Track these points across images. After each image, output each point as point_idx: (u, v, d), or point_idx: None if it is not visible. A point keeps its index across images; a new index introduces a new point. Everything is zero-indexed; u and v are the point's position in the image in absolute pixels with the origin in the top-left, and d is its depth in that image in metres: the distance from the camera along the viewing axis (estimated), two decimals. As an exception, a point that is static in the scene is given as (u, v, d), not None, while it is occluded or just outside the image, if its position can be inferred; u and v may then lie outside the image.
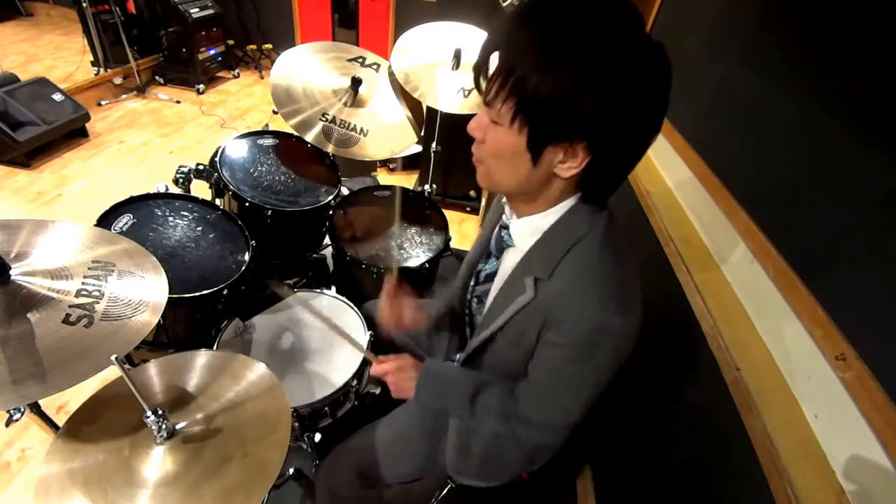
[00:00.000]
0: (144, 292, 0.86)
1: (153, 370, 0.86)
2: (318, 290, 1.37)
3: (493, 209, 0.89)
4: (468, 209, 2.82)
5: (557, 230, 0.69)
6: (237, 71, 4.25)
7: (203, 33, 3.68)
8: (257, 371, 0.87)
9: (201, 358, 0.89)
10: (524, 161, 0.61)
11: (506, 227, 0.78)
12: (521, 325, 0.73)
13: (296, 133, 1.46)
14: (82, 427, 0.76)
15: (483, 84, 0.62)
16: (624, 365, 0.70)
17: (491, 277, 0.85)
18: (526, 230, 0.73)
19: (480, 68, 0.62)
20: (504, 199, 0.79)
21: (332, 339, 1.23)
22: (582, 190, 0.67)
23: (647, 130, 0.60)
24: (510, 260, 0.79)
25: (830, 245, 0.79)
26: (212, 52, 3.82)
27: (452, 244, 1.65)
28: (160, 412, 0.70)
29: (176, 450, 0.73)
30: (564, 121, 0.56)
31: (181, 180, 1.39)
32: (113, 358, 0.65)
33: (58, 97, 2.86)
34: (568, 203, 0.68)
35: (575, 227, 0.68)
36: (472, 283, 0.94)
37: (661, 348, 1.21)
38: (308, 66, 1.57)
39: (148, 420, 0.70)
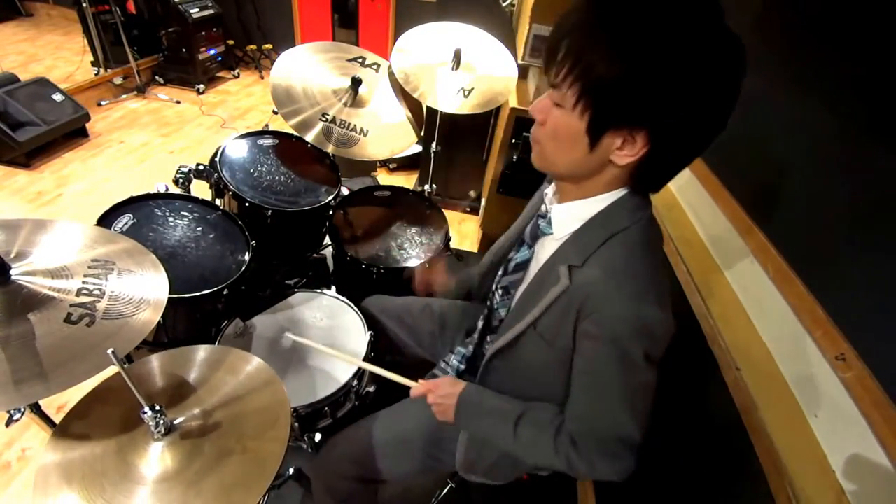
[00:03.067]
0: (145, 290, 0.86)
1: (150, 365, 0.86)
2: (319, 291, 1.37)
3: (533, 201, 0.88)
4: (468, 209, 2.82)
5: (599, 219, 0.68)
6: (237, 71, 4.25)
7: (203, 33, 3.68)
8: (255, 365, 0.87)
9: (199, 353, 0.89)
10: (582, 145, 0.62)
11: (543, 217, 0.77)
12: (557, 321, 0.70)
13: (296, 133, 1.46)
14: (80, 423, 0.76)
15: (551, 66, 0.61)
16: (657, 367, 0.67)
17: (521, 267, 0.83)
18: (568, 216, 0.71)
19: (550, 52, 0.61)
20: (546, 189, 0.79)
21: (332, 339, 1.23)
22: (634, 180, 0.66)
23: (711, 125, 0.59)
24: (545, 249, 0.77)
25: (830, 245, 0.79)
26: (212, 52, 3.82)
27: (452, 244, 1.65)
28: (157, 408, 0.70)
29: (174, 445, 0.73)
30: (627, 107, 0.56)
31: (181, 180, 1.39)
32: (109, 352, 0.64)
33: (58, 97, 2.86)
34: (615, 194, 0.67)
35: (617, 219, 0.67)
36: (500, 272, 0.91)
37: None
38: (308, 67, 1.57)
39: (145, 416, 0.70)
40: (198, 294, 1.13)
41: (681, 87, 0.54)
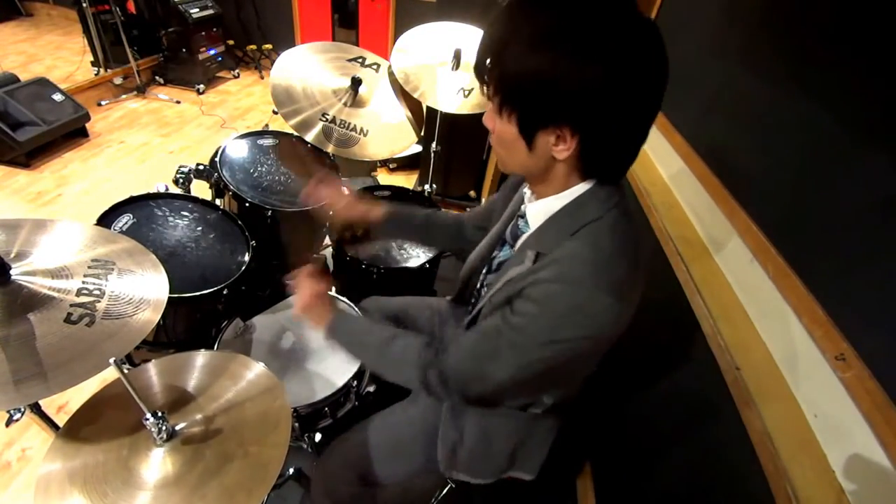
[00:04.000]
0: (145, 290, 0.86)
1: (152, 371, 0.86)
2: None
3: (513, 202, 0.89)
4: (468, 209, 2.82)
5: (569, 211, 0.69)
6: (237, 71, 4.25)
7: (203, 33, 3.68)
8: (256, 371, 0.87)
9: (200, 358, 0.89)
10: (521, 147, 0.64)
11: (522, 216, 0.79)
12: (506, 292, 0.70)
13: (296, 133, 1.46)
14: (82, 428, 0.76)
15: (481, 83, 0.64)
16: (579, 362, 0.68)
17: (503, 265, 0.85)
18: (540, 212, 0.73)
19: (476, 68, 0.64)
20: (525, 189, 0.80)
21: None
22: (586, 171, 0.66)
23: (636, 110, 0.59)
24: (523, 245, 0.78)
25: (830, 245, 0.79)
26: (212, 52, 3.82)
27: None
28: (159, 414, 0.70)
29: (176, 451, 0.73)
30: (545, 105, 0.58)
31: (181, 180, 1.39)
32: (112, 361, 0.65)
33: (58, 97, 2.86)
34: (583, 187, 0.68)
35: (586, 211, 0.67)
36: (484, 271, 0.93)
37: (661, 348, 1.21)
38: (308, 67, 1.57)
39: (147, 422, 0.70)
40: (198, 294, 1.13)
41: (591, 77, 0.54)
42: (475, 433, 0.92)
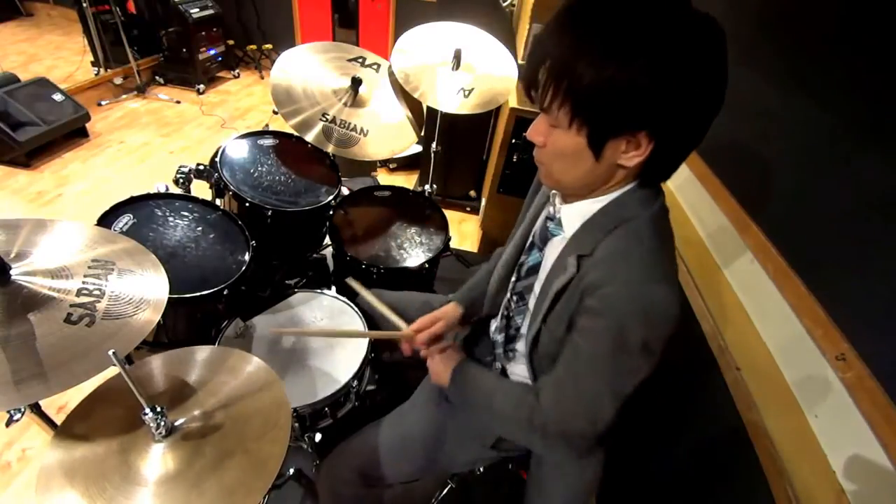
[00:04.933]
0: (145, 290, 0.86)
1: (151, 366, 0.86)
2: (319, 291, 1.37)
3: (535, 206, 0.88)
4: (468, 209, 2.82)
5: (607, 211, 0.68)
6: (237, 71, 4.25)
7: (203, 33, 3.68)
8: (255, 365, 0.87)
9: (199, 353, 0.89)
10: (587, 157, 0.62)
11: (551, 219, 0.77)
12: (562, 310, 0.70)
13: (296, 133, 1.46)
14: (81, 424, 0.76)
15: (535, 94, 0.62)
16: (659, 357, 0.65)
17: (533, 270, 0.83)
18: (577, 215, 0.71)
19: (530, 80, 0.62)
20: (551, 192, 0.78)
21: (333, 339, 1.23)
22: (643, 175, 0.66)
23: (707, 108, 0.59)
24: (555, 249, 0.77)
25: (830, 245, 0.79)
26: (212, 52, 3.82)
27: (452, 244, 1.65)
28: (159, 409, 0.70)
29: (175, 446, 0.73)
30: (621, 114, 0.57)
31: (181, 180, 1.39)
32: (111, 353, 0.64)
33: (58, 97, 2.86)
34: (621, 190, 0.68)
35: (625, 209, 0.67)
36: (513, 278, 0.91)
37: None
38: (308, 67, 1.57)
39: (146, 417, 0.70)
40: (198, 294, 1.13)
41: (666, 79, 0.54)
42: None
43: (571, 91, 0.57)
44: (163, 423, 0.72)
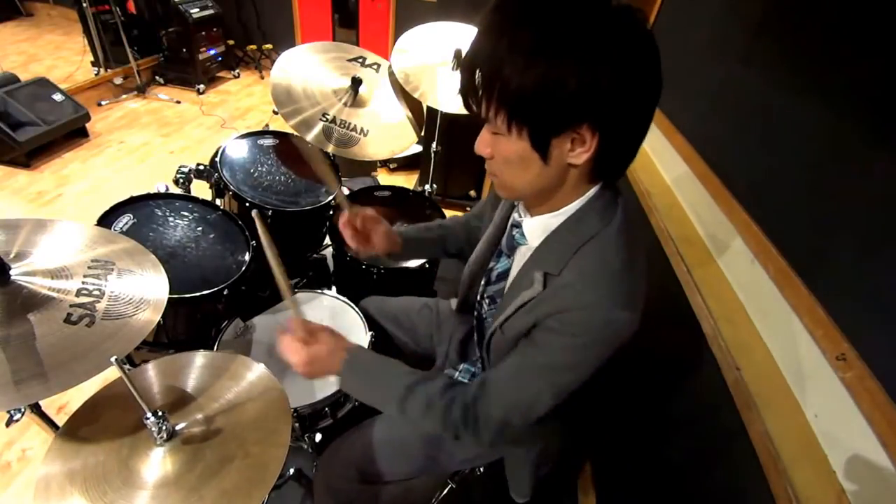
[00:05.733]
0: (145, 290, 0.86)
1: (153, 371, 0.86)
2: (319, 291, 1.37)
3: (501, 207, 0.89)
4: (468, 209, 2.81)
5: (570, 226, 0.69)
6: (237, 71, 4.25)
7: (203, 33, 3.68)
8: (257, 371, 0.87)
9: (201, 358, 0.89)
10: (535, 161, 0.62)
11: (517, 226, 0.78)
12: (520, 321, 0.71)
13: (296, 133, 1.46)
14: (82, 427, 0.76)
15: (473, 104, 0.63)
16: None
17: (503, 276, 0.85)
18: (538, 228, 0.73)
19: (465, 92, 0.62)
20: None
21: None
22: (597, 174, 0.66)
23: (643, 93, 0.59)
24: (523, 257, 0.78)
25: (830, 245, 0.79)
26: (212, 52, 3.82)
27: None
28: (160, 413, 0.70)
29: (176, 451, 0.73)
30: (557, 111, 0.57)
31: (181, 180, 1.39)
32: (112, 359, 0.65)
33: (58, 97, 2.86)
34: (580, 202, 0.68)
35: (587, 224, 0.67)
36: (482, 282, 0.93)
37: (662, 348, 1.21)
38: (308, 66, 1.57)
39: (148, 421, 0.70)
40: (198, 294, 1.13)
41: (598, 71, 0.54)
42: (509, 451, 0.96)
43: (504, 95, 0.57)
44: (164, 428, 0.72)
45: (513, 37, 0.55)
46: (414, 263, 1.48)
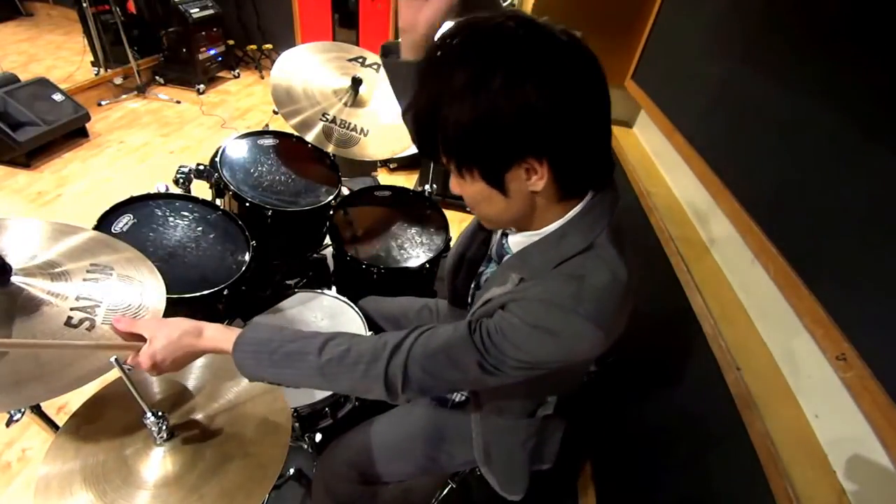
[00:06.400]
0: (144, 295, 0.86)
1: (153, 371, 0.86)
2: (319, 291, 1.37)
3: None
4: (468, 209, 2.81)
5: (552, 242, 0.67)
6: (237, 71, 4.24)
7: (203, 33, 3.67)
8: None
9: (200, 358, 0.89)
10: (497, 197, 0.63)
11: (506, 235, 0.78)
12: (485, 311, 0.68)
13: (296, 133, 1.46)
14: (82, 427, 0.76)
15: (430, 156, 0.65)
16: (562, 374, 0.65)
17: None
18: (522, 242, 0.72)
19: (419, 145, 0.65)
20: None
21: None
22: (565, 192, 0.64)
23: (585, 111, 0.57)
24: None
25: (830, 245, 0.79)
26: (212, 52, 3.82)
27: (453, 244, 1.64)
28: (160, 413, 0.70)
29: (176, 450, 0.73)
30: (499, 144, 0.56)
31: (181, 180, 1.39)
32: (112, 359, 0.65)
33: (58, 97, 2.86)
34: (561, 221, 0.66)
35: (570, 242, 0.65)
36: (472, 286, 0.93)
37: (662, 348, 1.21)
38: (308, 66, 1.56)
39: (147, 421, 0.70)
40: (198, 294, 1.13)
41: (525, 87, 0.53)
42: (497, 440, 0.93)
43: (447, 140, 0.59)
44: (164, 427, 0.72)
45: (442, 85, 0.56)
46: (414, 263, 1.48)
